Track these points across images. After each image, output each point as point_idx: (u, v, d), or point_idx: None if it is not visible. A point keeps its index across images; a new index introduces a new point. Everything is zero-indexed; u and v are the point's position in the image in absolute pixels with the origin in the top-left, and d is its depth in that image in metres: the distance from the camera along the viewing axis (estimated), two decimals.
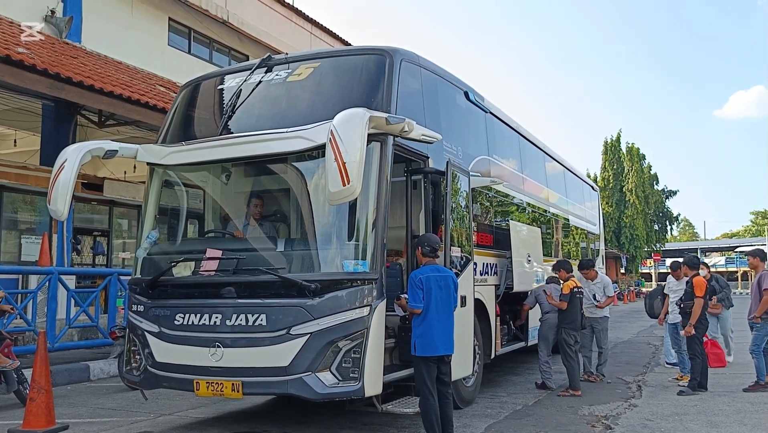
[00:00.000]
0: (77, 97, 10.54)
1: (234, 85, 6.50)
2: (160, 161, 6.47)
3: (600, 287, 9.46)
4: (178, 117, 6.94)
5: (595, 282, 9.45)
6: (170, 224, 7.11)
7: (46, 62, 10.06)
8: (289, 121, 5.84)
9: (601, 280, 9.54)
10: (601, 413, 6.91)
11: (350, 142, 4.71)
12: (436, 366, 5.42)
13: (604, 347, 9.48)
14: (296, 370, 5.18)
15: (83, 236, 15.38)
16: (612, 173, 45.67)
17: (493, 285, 8.11)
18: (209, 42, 17.96)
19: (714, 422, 6.42)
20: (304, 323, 5.22)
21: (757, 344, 8.11)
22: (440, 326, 5.39)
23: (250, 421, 6.81)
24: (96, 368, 9.35)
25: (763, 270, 8.34)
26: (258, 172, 6.80)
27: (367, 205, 5.44)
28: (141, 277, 6.31)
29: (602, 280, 9.55)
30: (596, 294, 9.39)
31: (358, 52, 6.71)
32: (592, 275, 9.51)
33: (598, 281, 9.48)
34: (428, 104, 6.76)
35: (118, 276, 10.68)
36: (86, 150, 6.07)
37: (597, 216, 16.01)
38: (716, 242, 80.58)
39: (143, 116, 11.52)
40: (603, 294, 9.43)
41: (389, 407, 5.65)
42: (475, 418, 6.65)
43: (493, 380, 8.94)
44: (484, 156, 8.32)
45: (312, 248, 5.83)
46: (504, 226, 8.84)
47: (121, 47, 14.66)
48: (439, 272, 5.51)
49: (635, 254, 46.95)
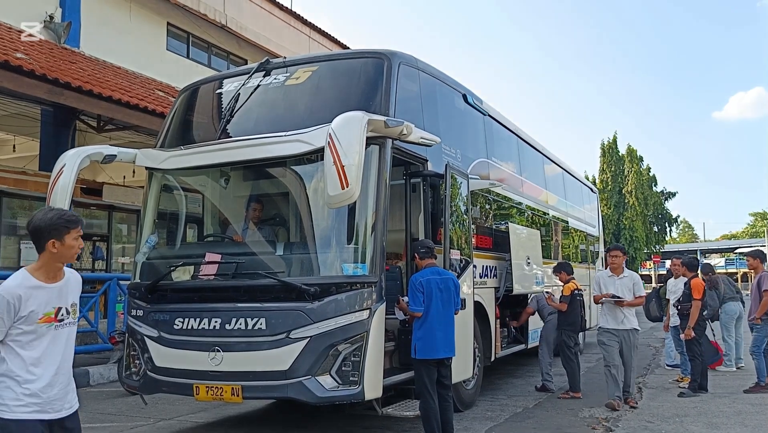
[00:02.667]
0: (76, 102, 10.56)
1: (232, 89, 6.51)
2: (158, 166, 6.47)
3: (629, 283, 7.45)
4: (176, 121, 6.94)
5: (623, 276, 7.50)
6: (169, 229, 7.11)
7: (45, 67, 10.08)
8: (288, 124, 5.85)
9: (630, 274, 7.57)
10: (601, 415, 6.90)
11: (349, 145, 4.71)
12: (436, 369, 5.43)
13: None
14: (296, 374, 5.17)
15: (82, 240, 15.35)
16: (610, 175, 45.69)
17: (492, 288, 8.11)
18: (208, 46, 17.98)
19: (714, 424, 6.41)
20: (303, 327, 5.22)
21: (758, 345, 8.10)
22: (441, 328, 5.39)
23: (250, 425, 6.80)
24: (95, 373, 9.34)
25: (762, 271, 8.34)
26: (257, 176, 6.80)
27: (366, 209, 5.44)
28: (140, 282, 6.30)
29: (632, 274, 7.57)
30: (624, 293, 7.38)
31: (357, 55, 6.72)
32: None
33: (625, 275, 7.52)
34: (427, 107, 6.77)
35: (118, 281, 10.68)
36: (85, 155, 6.08)
37: (596, 218, 16.01)
38: (716, 244, 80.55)
39: (142, 121, 11.54)
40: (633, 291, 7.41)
41: (389, 410, 5.65)
42: (476, 421, 6.64)
43: (493, 382, 8.93)
44: (483, 159, 8.32)
45: (311, 252, 5.83)
46: (503, 228, 8.84)
47: (120, 52, 14.68)
48: (440, 275, 5.53)
49: (635, 256, 46.93)
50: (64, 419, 3.04)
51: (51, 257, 3.00)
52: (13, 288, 2.92)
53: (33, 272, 3.00)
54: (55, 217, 3.01)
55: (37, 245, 3.00)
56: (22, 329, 2.92)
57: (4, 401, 2.90)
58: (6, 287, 2.92)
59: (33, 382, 2.94)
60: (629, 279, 7.50)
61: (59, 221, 3.00)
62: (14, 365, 2.92)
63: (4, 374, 2.93)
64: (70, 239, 3.02)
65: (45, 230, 2.97)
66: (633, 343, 7.49)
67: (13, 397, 2.90)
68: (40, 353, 2.97)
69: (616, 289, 7.40)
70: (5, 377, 2.93)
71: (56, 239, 2.98)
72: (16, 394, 2.91)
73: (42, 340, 2.98)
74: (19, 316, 2.90)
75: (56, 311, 3.02)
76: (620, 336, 7.39)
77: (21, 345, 2.94)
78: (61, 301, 3.05)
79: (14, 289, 2.91)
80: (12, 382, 2.92)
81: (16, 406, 2.90)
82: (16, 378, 2.92)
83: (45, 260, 3.01)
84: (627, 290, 7.40)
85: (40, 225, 2.97)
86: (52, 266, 3.03)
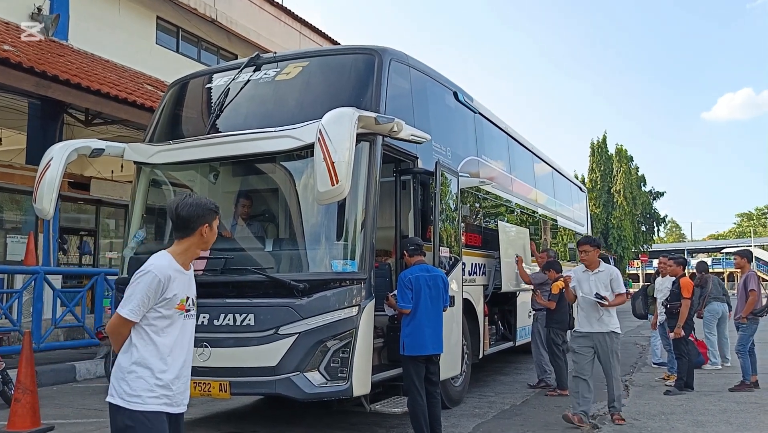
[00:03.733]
0: (64, 96, 10.46)
1: (222, 84, 6.47)
2: (147, 160, 6.43)
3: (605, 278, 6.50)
4: (165, 116, 6.90)
5: (599, 271, 6.54)
6: (157, 224, 7.07)
7: (33, 60, 9.97)
8: (278, 120, 5.83)
9: (607, 268, 6.62)
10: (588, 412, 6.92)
11: (339, 141, 4.70)
12: (424, 366, 5.43)
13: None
14: (284, 370, 5.16)
15: (70, 235, 15.24)
16: (599, 174, 45.92)
17: (481, 285, 8.13)
18: (197, 41, 17.86)
19: (700, 422, 6.46)
20: (292, 323, 5.21)
21: (743, 344, 8.17)
22: (430, 325, 5.39)
23: (239, 421, 6.78)
24: (82, 369, 9.28)
25: (749, 270, 8.42)
26: (246, 172, 6.77)
27: (356, 206, 5.44)
28: (128, 276, 6.24)
29: (608, 268, 6.63)
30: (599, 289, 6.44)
31: (347, 51, 6.70)
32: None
33: (601, 269, 6.55)
34: (417, 104, 6.76)
35: (105, 276, 10.61)
36: (72, 148, 6.04)
37: (585, 217, 16.12)
38: (703, 243, 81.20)
39: (131, 115, 11.46)
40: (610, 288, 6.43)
41: (378, 406, 5.66)
42: (463, 417, 6.66)
43: (482, 379, 8.96)
44: (473, 157, 8.34)
45: (300, 248, 5.82)
46: (492, 226, 8.86)
47: (109, 45, 14.55)
48: (429, 272, 5.52)
49: (623, 255, 47.23)
50: (178, 415, 2.91)
51: (197, 242, 2.91)
52: (165, 268, 2.80)
53: (176, 256, 2.88)
54: (206, 202, 2.93)
55: (185, 231, 2.89)
56: (160, 313, 2.79)
57: (136, 392, 2.73)
58: (158, 265, 2.79)
59: (166, 372, 2.79)
60: (606, 274, 6.46)
61: (211, 206, 2.93)
62: (148, 353, 2.76)
63: (137, 363, 2.75)
64: (215, 225, 2.96)
65: (200, 214, 2.88)
66: (611, 348, 6.36)
67: (147, 388, 2.74)
68: (173, 341, 2.83)
69: (591, 285, 6.44)
70: (138, 365, 2.75)
71: (209, 223, 2.90)
72: (149, 385, 2.75)
73: (175, 327, 2.85)
74: (164, 297, 2.78)
75: (186, 299, 2.91)
76: (595, 341, 6.38)
77: (156, 330, 2.79)
78: (189, 291, 2.96)
79: (166, 269, 2.80)
80: (146, 371, 2.75)
81: (149, 397, 2.74)
82: (150, 367, 2.75)
83: (189, 245, 2.91)
84: (603, 285, 6.39)
85: (195, 210, 2.87)
86: (194, 252, 2.94)
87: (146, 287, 2.74)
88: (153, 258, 2.86)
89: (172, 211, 2.92)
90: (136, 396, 2.73)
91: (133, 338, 2.78)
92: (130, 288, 2.78)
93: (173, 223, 2.96)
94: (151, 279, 2.75)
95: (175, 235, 2.96)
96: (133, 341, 2.78)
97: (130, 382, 2.74)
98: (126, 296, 2.77)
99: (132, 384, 2.74)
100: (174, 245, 2.94)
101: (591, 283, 6.46)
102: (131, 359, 2.76)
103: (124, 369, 2.77)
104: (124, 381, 2.75)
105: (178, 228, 2.93)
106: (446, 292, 5.62)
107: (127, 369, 2.76)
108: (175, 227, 2.95)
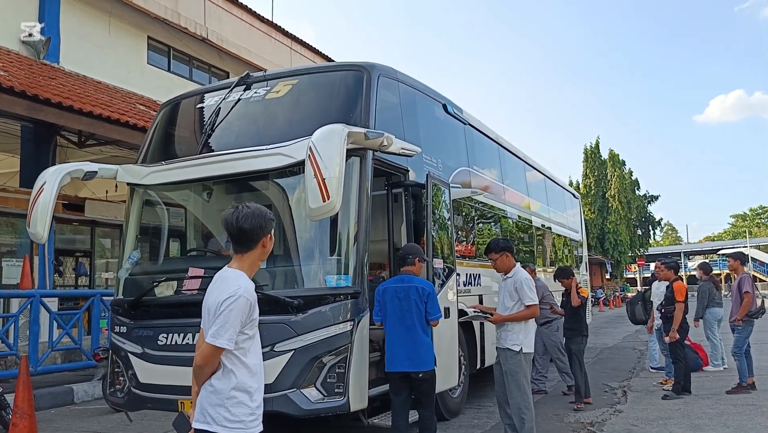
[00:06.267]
0: (56, 118, 10.47)
1: (213, 104, 6.52)
2: (140, 181, 6.46)
3: (510, 285, 5.68)
4: (157, 136, 6.94)
5: (507, 277, 5.77)
6: (152, 244, 7.09)
7: (24, 84, 10.01)
8: (269, 138, 5.87)
9: (515, 274, 5.72)
10: (586, 420, 6.95)
11: (329, 157, 4.73)
12: (403, 385, 5.25)
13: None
14: (281, 387, 5.16)
15: (65, 256, 15.24)
16: (593, 180, 46.10)
17: (477, 295, 8.15)
18: (189, 59, 17.94)
19: (697, 425, 6.49)
20: (287, 340, 5.21)
21: (739, 346, 8.21)
22: (400, 340, 5.19)
23: None
24: (80, 391, 9.25)
25: (743, 273, 8.46)
26: (239, 190, 6.80)
27: (348, 220, 5.48)
28: (123, 297, 6.27)
29: (516, 274, 5.71)
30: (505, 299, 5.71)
31: (336, 68, 6.75)
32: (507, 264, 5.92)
33: (509, 275, 5.75)
34: (407, 118, 6.82)
35: (101, 297, 10.59)
36: (65, 172, 6.06)
37: (579, 223, 16.16)
38: (699, 246, 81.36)
39: (124, 135, 11.47)
40: (516, 297, 5.58)
41: (375, 420, 5.66)
42: (462, 429, 6.67)
43: (480, 390, 8.95)
44: (464, 167, 8.39)
45: (294, 264, 5.84)
46: (486, 236, 8.90)
47: (100, 67, 14.62)
48: (402, 283, 5.31)
49: (620, 260, 47.33)
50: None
51: (260, 254, 2.81)
52: (251, 290, 2.72)
53: (247, 273, 2.79)
54: (264, 210, 2.81)
55: (248, 244, 2.78)
56: (247, 334, 2.72)
57: (238, 417, 2.65)
58: (246, 288, 2.70)
59: (258, 391, 2.73)
60: (512, 281, 5.65)
61: (270, 214, 2.83)
62: (243, 376, 2.69)
63: (236, 388, 2.67)
64: (272, 235, 2.88)
65: (262, 225, 2.77)
66: (509, 368, 5.49)
67: (248, 412, 2.68)
68: (258, 359, 2.77)
69: (501, 294, 5.80)
70: (238, 391, 2.67)
71: (270, 233, 2.81)
72: (250, 409, 2.68)
73: (257, 345, 2.78)
74: (251, 318, 2.71)
75: None
76: (499, 359, 5.72)
77: (244, 352, 2.71)
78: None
79: (252, 291, 2.72)
80: (245, 396, 2.68)
81: (251, 421, 2.68)
82: (248, 390, 2.69)
83: (254, 258, 2.81)
84: (508, 294, 5.64)
85: (257, 221, 2.76)
86: (257, 266, 2.85)
87: (240, 313, 2.66)
88: (238, 280, 2.73)
89: (233, 225, 2.77)
90: (239, 422, 2.66)
91: (227, 363, 2.70)
92: (221, 316, 2.65)
93: (233, 237, 2.82)
94: (244, 304, 2.67)
95: (237, 249, 2.82)
96: (228, 367, 2.70)
97: (230, 408, 2.66)
98: (219, 325, 2.65)
99: (233, 410, 2.66)
100: (238, 261, 2.81)
101: (501, 291, 5.83)
102: (230, 384, 2.68)
103: (222, 395, 2.68)
104: (223, 407, 2.66)
105: (240, 242, 2.80)
106: (426, 303, 5.24)
107: (226, 395, 2.67)
108: (237, 242, 2.81)
